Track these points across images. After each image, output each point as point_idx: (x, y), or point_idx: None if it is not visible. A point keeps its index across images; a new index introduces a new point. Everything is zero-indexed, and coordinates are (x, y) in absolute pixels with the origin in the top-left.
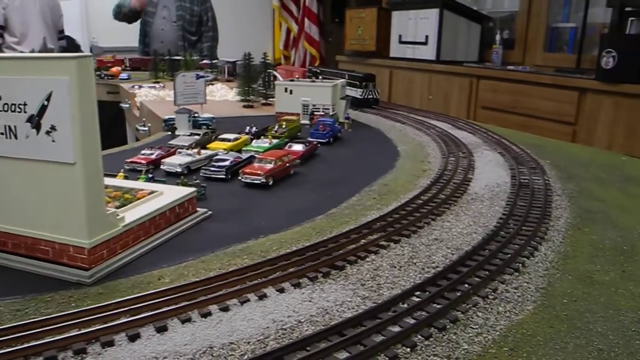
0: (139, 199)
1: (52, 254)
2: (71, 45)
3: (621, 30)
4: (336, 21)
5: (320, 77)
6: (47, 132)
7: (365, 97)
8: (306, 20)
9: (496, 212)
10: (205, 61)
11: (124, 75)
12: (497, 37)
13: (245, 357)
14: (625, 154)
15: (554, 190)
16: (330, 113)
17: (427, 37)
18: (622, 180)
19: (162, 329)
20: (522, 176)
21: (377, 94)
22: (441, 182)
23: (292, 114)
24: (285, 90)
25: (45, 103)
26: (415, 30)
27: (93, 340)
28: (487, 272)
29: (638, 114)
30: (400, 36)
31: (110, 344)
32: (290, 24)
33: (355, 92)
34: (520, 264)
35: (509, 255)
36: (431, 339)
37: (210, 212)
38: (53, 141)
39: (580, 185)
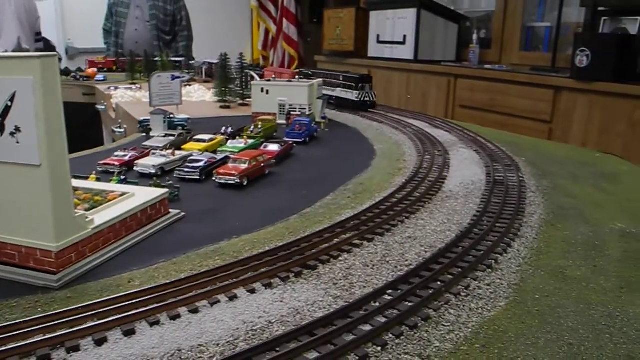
0: (109, 201)
1: (18, 258)
2: (47, 47)
3: (594, 30)
4: (314, 21)
5: (296, 77)
6: (12, 134)
7: (362, 99)
8: (284, 20)
9: (470, 210)
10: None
11: (100, 76)
12: (474, 36)
13: (214, 359)
14: (599, 150)
15: (529, 187)
16: (307, 113)
17: (405, 36)
18: (596, 176)
19: (129, 333)
20: (496, 174)
21: (373, 96)
22: (416, 180)
23: (269, 114)
24: (262, 90)
25: (9, 104)
26: (393, 30)
27: (58, 346)
28: (459, 270)
29: (611, 111)
30: (378, 36)
31: (76, 349)
32: (268, 25)
33: (351, 94)
34: (493, 261)
35: (482, 252)
36: (402, 337)
37: (183, 214)
38: (17, 143)
39: (554, 182)
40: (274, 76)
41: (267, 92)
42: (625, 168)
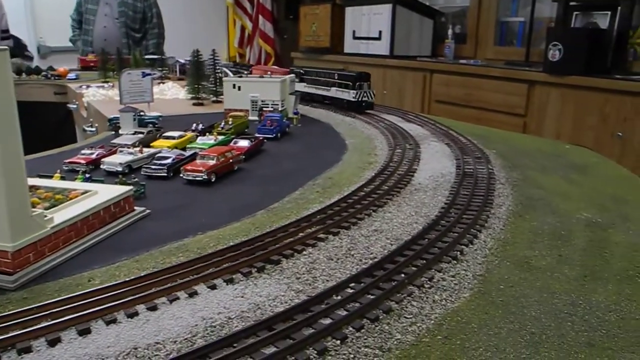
0: (71, 199)
1: None
2: (18, 46)
3: (566, 24)
4: (290, 18)
5: (269, 72)
6: None
7: (359, 99)
8: (260, 17)
9: (439, 202)
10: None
11: (71, 75)
12: (450, 31)
13: (171, 356)
14: (572, 143)
15: (498, 179)
16: (279, 109)
17: (380, 32)
18: (566, 168)
19: (84, 332)
20: (466, 166)
21: (372, 96)
22: (386, 173)
23: (241, 111)
24: (234, 86)
25: None
26: (368, 26)
27: (9, 347)
28: (424, 261)
29: (583, 104)
30: (354, 32)
31: (27, 350)
32: (244, 22)
33: (348, 94)
34: (459, 252)
35: (448, 244)
36: (363, 330)
37: (148, 211)
38: None
39: (524, 174)
40: (246, 72)
41: (239, 88)
42: (594, 159)
